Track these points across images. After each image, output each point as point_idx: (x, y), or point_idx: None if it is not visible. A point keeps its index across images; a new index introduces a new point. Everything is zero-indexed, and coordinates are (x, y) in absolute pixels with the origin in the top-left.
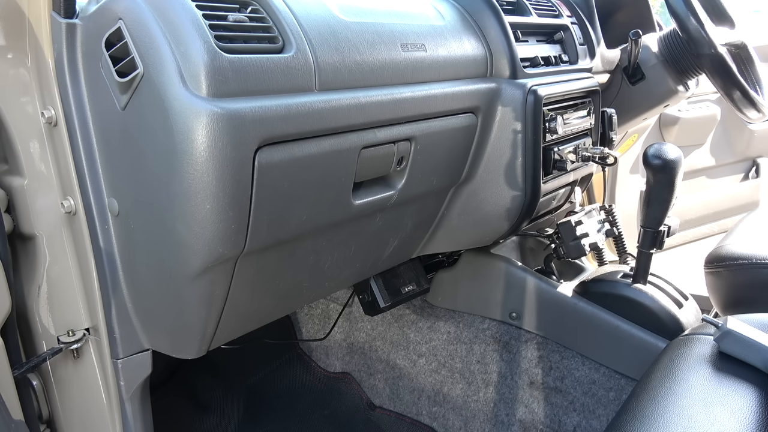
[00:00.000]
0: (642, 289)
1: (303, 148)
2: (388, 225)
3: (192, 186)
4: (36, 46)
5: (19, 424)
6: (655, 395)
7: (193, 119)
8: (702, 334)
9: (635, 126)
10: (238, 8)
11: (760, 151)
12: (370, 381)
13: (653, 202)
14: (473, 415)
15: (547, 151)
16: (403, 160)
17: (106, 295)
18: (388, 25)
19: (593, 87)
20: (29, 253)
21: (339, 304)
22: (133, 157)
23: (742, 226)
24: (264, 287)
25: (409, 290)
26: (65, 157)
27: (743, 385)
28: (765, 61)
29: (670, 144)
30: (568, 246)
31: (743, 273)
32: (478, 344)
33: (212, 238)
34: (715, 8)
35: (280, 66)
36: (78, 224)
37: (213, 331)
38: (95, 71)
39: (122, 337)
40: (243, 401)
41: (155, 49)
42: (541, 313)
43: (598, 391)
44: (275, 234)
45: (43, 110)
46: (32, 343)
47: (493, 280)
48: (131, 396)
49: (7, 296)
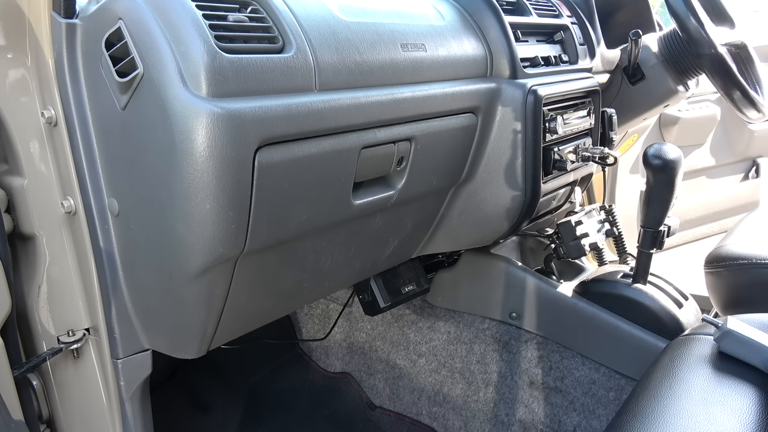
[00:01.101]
0: (642, 289)
1: (303, 148)
2: (388, 225)
3: (192, 186)
4: (36, 46)
5: (19, 424)
6: (655, 395)
7: (193, 119)
8: (702, 334)
9: (635, 126)
10: (238, 8)
11: (760, 151)
12: (370, 381)
13: (653, 202)
14: (473, 415)
15: (547, 151)
16: (403, 160)
17: (106, 295)
18: (388, 25)
19: (593, 87)
20: (29, 253)
21: (339, 304)
22: (133, 157)
23: (742, 226)
24: (264, 287)
25: (409, 290)
26: (65, 157)
27: (743, 385)
28: (765, 61)
29: (670, 144)
30: (568, 246)
31: (743, 273)
32: (478, 344)
33: (212, 238)
34: (715, 8)
35: (280, 66)
36: (78, 224)
37: (213, 331)
38: (95, 71)
39: (122, 337)
40: (243, 401)
41: (155, 49)
42: (541, 313)
43: (598, 391)
44: (275, 234)
45: (43, 110)
46: (32, 343)
47: (493, 280)
48: (131, 396)
49: (7, 296)
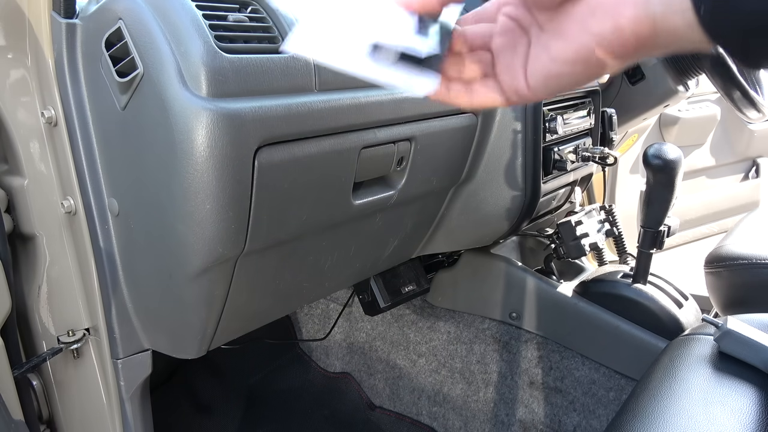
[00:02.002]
0: (642, 289)
1: (303, 148)
2: (388, 225)
3: (192, 186)
4: (36, 46)
5: (19, 424)
6: (655, 395)
7: (193, 119)
8: (702, 334)
9: (635, 126)
10: (238, 8)
11: (760, 151)
12: (370, 381)
13: (653, 202)
14: (473, 415)
15: (547, 151)
16: (403, 160)
17: (106, 295)
18: None
19: (593, 87)
20: (29, 253)
21: (339, 304)
22: (133, 157)
23: (742, 226)
24: (264, 287)
25: (409, 290)
26: (65, 157)
27: (743, 385)
28: None
29: (670, 144)
30: (568, 246)
31: (743, 273)
32: (478, 344)
33: (212, 238)
34: None
35: (280, 66)
36: (78, 224)
37: (213, 331)
38: (95, 71)
39: (122, 337)
40: (243, 401)
41: (155, 49)
42: (541, 313)
43: (598, 391)
44: (275, 234)
45: (43, 110)
46: (32, 343)
47: (493, 280)
48: (131, 396)
49: (7, 296)
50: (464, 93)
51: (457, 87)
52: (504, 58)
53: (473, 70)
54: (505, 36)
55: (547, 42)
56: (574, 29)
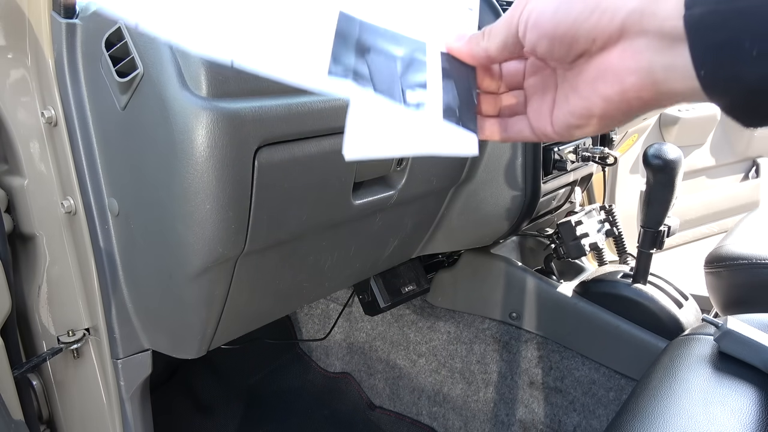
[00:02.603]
0: (642, 289)
1: (303, 148)
2: (388, 225)
3: (192, 186)
4: (36, 46)
5: (19, 424)
6: (655, 395)
7: (193, 119)
8: (702, 334)
9: (635, 126)
10: None
11: (760, 151)
12: (370, 381)
13: (653, 202)
14: (473, 415)
15: (547, 151)
16: (403, 160)
17: (106, 295)
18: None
19: None
20: (29, 253)
21: (339, 304)
22: (133, 157)
23: (742, 226)
24: (264, 287)
25: (409, 290)
26: (65, 157)
27: (743, 385)
28: None
29: (670, 144)
30: (568, 246)
31: (743, 273)
32: (478, 344)
33: (212, 238)
34: None
35: None
36: (78, 224)
37: (213, 331)
38: (95, 71)
39: (122, 337)
40: (243, 401)
41: (155, 49)
42: (541, 313)
43: (598, 391)
44: (275, 234)
45: (43, 110)
46: (32, 343)
47: (493, 280)
48: (131, 396)
49: (7, 296)
50: (499, 129)
51: (492, 123)
52: (534, 102)
53: (510, 109)
54: (536, 76)
55: (567, 94)
56: (587, 89)
